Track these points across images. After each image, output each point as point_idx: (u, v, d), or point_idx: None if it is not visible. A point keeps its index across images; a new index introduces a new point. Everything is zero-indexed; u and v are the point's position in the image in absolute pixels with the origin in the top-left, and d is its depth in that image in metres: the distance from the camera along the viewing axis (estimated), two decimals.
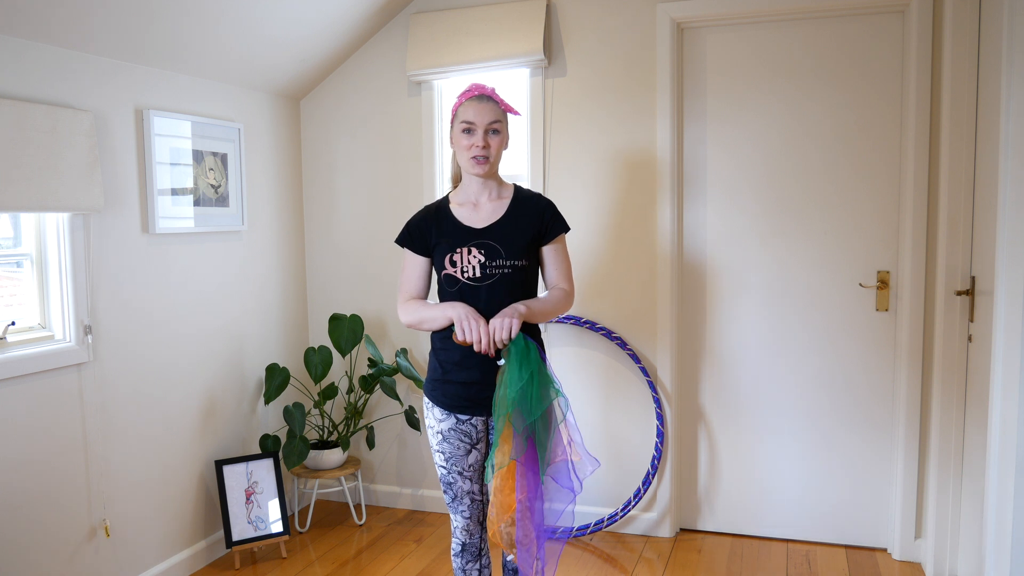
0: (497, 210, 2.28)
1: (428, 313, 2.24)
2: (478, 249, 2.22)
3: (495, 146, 2.23)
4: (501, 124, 2.24)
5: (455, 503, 2.33)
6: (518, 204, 2.29)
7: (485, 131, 2.21)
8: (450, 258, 2.23)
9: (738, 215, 3.30)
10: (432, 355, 2.32)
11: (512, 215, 2.27)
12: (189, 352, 3.14)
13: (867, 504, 3.24)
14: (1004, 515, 2.27)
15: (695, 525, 3.48)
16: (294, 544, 3.43)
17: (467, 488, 2.30)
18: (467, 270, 2.21)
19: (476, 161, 2.22)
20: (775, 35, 3.19)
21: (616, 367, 3.43)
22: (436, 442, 2.30)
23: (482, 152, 2.21)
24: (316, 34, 3.34)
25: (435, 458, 2.32)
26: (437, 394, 2.28)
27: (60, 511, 2.62)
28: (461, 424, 2.27)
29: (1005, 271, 2.29)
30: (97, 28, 2.58)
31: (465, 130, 2.22)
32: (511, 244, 2.23)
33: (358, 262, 3.77)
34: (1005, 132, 2.30)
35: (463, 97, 2.25)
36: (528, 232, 2.26)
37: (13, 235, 2.63)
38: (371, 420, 3.80)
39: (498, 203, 2.29)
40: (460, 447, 2.27)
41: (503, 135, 2.25)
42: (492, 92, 2.26)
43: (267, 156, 3.59)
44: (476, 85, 2.27)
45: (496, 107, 2.23)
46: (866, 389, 3.20)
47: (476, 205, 2.28)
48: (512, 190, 2.33)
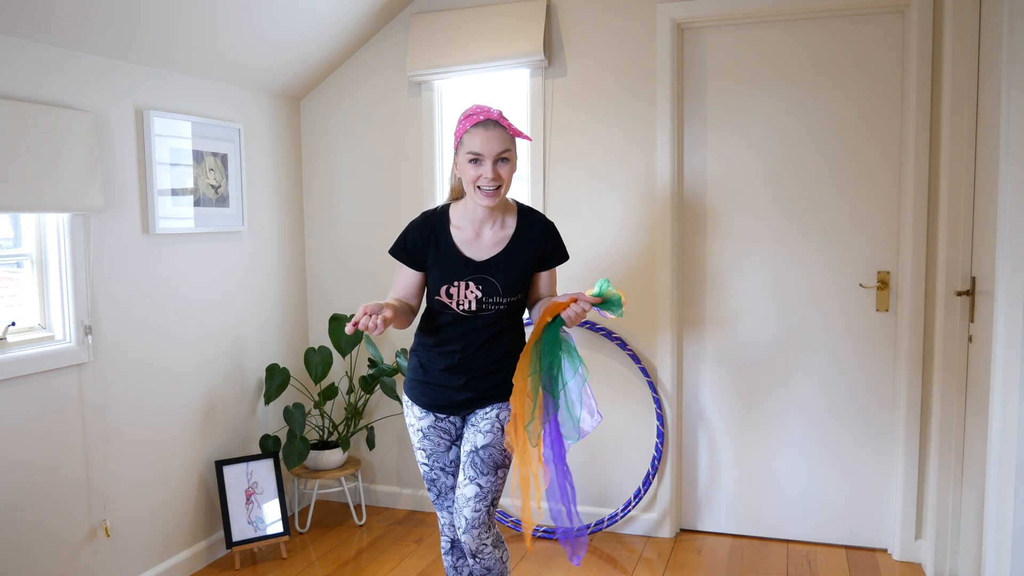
0: (499, 242, 2.18)
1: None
2: (476, 284, 2.15)
3: (506, 175, 2.08)
4: (511, 152, 2.09)
5: (440, 500, 2.35)
6: (521, 234, 2.20)
7: (495, 161, 2.06)
8: (447, 290, 2.16)
9: (738, 215, 3.29)
10: (413, 355, 2.33)
11: (513, 248, 2.18)
12: (189, 352, 3.14)
13: (867, 504, 3.24)
14: (1004, 515, 2.26)
15: (695, 525, 3.48)
16: (294, 544, 3.43)
17: (450, 484, 2.33)
18: (463, 304, 2.16)
19: (485, 194, 2.08)
20: (775, 35, 3.19)
21: (616, 367, 3.42)
22: (417, 439, 2.32)
23: (491, 184, 2.07)
24: (316, 34, 3.34)
25: (416, 455, 2.35)
26: (416, 394, 2.29)
27: (60, 511, 2.62)
28: (440, 422, 2.29)
29: (1005, 271, 2.29)
30: (97, 28, 2.58)
31: (472, 160, 2.07)
32: (509, 282, 2.17)
33: (358, 262, 3.77)
34: (1005, 132, 2.30)
35: (467, 123, 2.08)
36: (527, 266, 2.21)
37: (13, 235, 2.63)
38: (371, 420, 3.80)
39: (501, 234, 2.19)
40: (440, 444, 2.30)
41: (512, 162, 2.10)
42: (499, 116, 2.09)
43: (267, 156, 3.59)
44: (481, 108, 2.10)
45: (504, 133, 2.07)
46: (866, 389, 3.20)
47: (478, 235, 2.18)
48: (515, 217, 2.21)
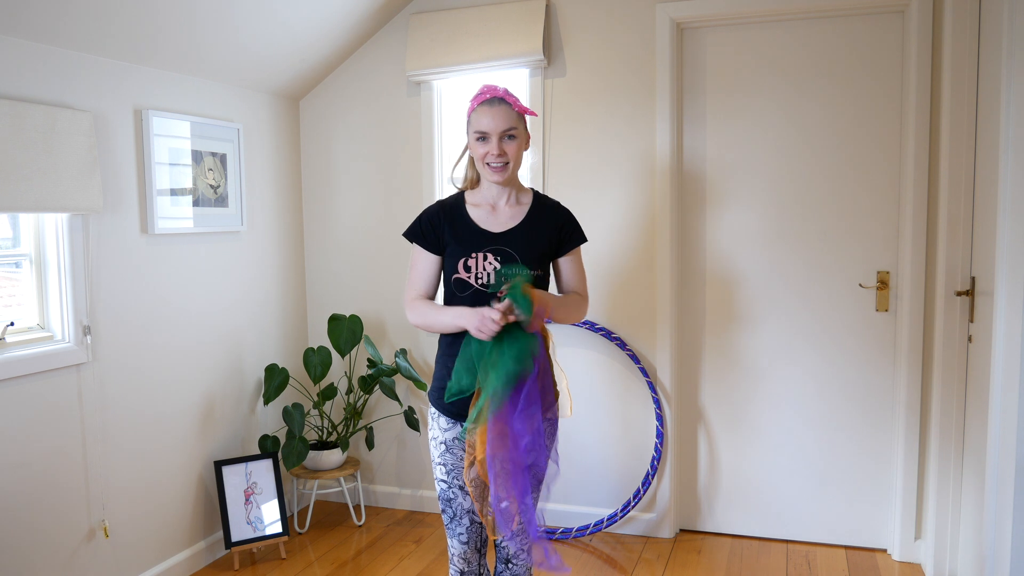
0: (516, 215, 2.18)
1: (438, 319, 2.12)
2: (494, 255, 2.13)
3: (512, 152, 2.12)
4: (517, 129, 2.12)
5: (453, 524, 2.20)
6: (537, 211, 2.20)
7: (500, 138, 2.10)
8: (464, 263, 2.12)
9: (738, 214, 3.29)
10: (438, 363, 2.21)
11: (530, 222, 2.18)
12: (188, 352, 3.14)
13: (867, 505, 3.24)
14: (1004, 515, 2.26)
15: (695, 526, 3.48)
16: (293, 545, 3.42)
17: (467, 506, 2.18)
18: (481, 276, 2.11)
19: (493, 169, 2.12)
20: (775, 35, 3.18)
21: (616, 367, 3.42)
22: (438, 454, 2.18)
23: (498, 160, 2.11)
24: (315, 34, 3.34)
25: (436, 472, 2.21)
26: (443, 403, 2.16)
27: (59, 512, 2.62)
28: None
29: (1005, 271, 2.28)
30: (96, 28, 2.57)
31: (479, 138, 2.12)
32: (528, 252, 2.14)
33: (357, 262, 3.77)
34: (1005, 132, 2.30)
35: (475, 102, 2.14)
36: (545, 241, 2.18)
37: (12, 235, 2.63)
38: (370, 421, 3.79)
39: (517, 208, 2.19)
40: (463, 459, 2.14)
41: (520, 139, 2.14)
42: (505, 93, 2.13)
43: (266, 156, 3.59)
44: (487, 87, 2.15)
45: (510, 111, 2.11)
46: (866, 389, 3.19)
47: (494, 208, 2.18)
48: (531, 196, 2.23)
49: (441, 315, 2.12)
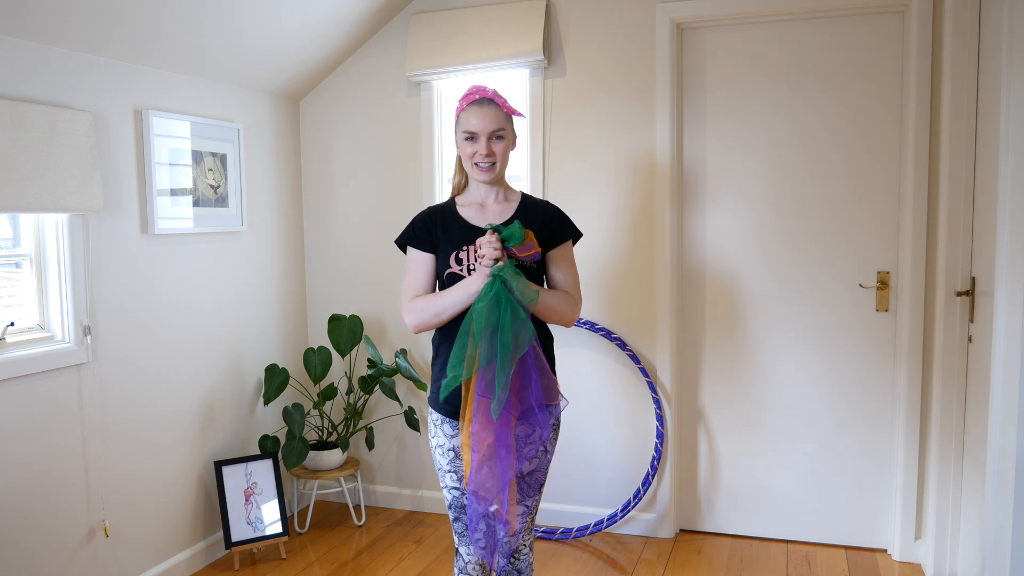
0: (504, 212, 2.21)
1: (443, 301, 2.10)
2: None
3: (500, 152, 2.15)
4: (505, 130, 2.16)
5: (467, 534, 2.16)
6: (526, 208, 2.22)
7: (488, 138, 2.13)
8: (456, 256, 2.15)
9: (738, 214, 3.29)
10: (435, 364, 2.19)
11: (519, 216, 2.19)
12: (188, 353, 3.14)
13: (867, 505, 3.24)
14: (1004, 516, 2.26)
15: (695, 526, 3.48)
16: (293, 545, 3.42)
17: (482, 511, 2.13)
18: (473, 266, 2.12)
19: (481, 169, 2.15)
20: (775, 35, 3.18)
21: (616, 368, 3.42)
22: (447, 462, 2.14)
23: (486, 159, 2.14)
24: (315, 34, 3.34)
25: (444, 481, 2.16)
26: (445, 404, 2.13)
27: (59, 512, 2.62)
28: None
29: (1005, 272, 2.28)
30: (96, 28, 2.57)
31: (468, 138, 2.15)
32: None
33: (357, 262, 3.77)
34: (1005, 132, 2.30)
35: (464, 102, 2.18)
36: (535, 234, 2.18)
37: (12, 236, 2.63)
38: (370, 421, 3.79)
39: (505, 205, 2.22)
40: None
41: (508, 139, 2.18)
42: (494, 95, 2.17)
43: (266, 156, 3.59)
44: (476, 88, 2.19)
45: (498, 111, 2.15)
46: (866, 390, 3.19)
47: (483, 206, 2.22)
48: (519, 196, 2.26)
49: (446, 295, 2.10)
